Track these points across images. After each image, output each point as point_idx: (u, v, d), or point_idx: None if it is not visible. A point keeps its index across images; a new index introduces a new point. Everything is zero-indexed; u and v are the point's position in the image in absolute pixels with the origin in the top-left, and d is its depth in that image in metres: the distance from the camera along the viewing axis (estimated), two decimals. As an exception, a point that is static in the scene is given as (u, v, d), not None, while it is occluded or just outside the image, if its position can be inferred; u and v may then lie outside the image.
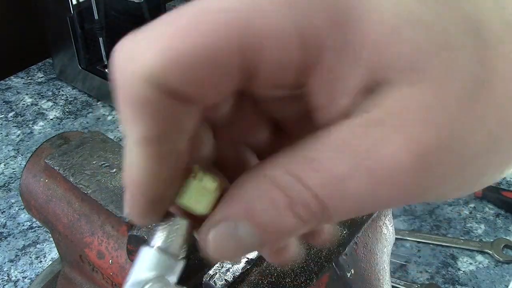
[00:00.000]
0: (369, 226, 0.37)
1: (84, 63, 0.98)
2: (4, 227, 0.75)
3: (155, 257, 0.24)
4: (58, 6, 0.92)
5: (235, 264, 0.32)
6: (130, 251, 0.35)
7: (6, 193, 0.80)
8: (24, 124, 0.95)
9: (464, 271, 0.67)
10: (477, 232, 0.72)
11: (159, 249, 0.24)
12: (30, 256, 0.70)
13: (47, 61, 1.12)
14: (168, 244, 0.24)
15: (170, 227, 0.24)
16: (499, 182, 0.80)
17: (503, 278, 0.66)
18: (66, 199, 0.42)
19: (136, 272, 0.24)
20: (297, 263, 0.33)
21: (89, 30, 0.96)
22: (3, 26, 1.09)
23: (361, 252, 0.36)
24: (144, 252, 0.24)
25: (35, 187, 0.45)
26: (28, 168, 0.46)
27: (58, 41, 0.99)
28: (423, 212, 0.75)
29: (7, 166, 0.86)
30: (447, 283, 0.65)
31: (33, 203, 0.45)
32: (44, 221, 0.46)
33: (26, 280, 0.67)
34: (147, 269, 0.24)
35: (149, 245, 0.24)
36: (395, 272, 0.67)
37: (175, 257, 0.25)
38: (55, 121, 0.96)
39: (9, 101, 1.02)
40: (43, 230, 0.74)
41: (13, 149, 0.90)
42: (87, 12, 0.93)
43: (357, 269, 0.35)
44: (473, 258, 0.69)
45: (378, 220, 0.38)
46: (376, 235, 0.37)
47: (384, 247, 0.38)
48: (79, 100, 1.01)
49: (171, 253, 0.24)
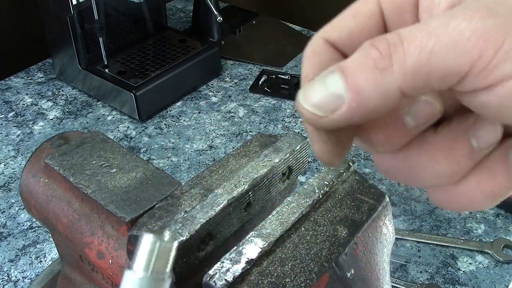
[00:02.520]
0: (369, 226, 0.37)
1: (84, 63, 0.98)
2: (4, 227, 0.75)
3: (139, 281, 0.23)
4: (58, 6, 0.92)
5: (235, 264, 0.32)
6: (130, 251, 0.36)
7: (6, 193, 0.80)
8: (24, 124, 0.95)
9: (464, 271, 0.67)
10: (477, 232, 0.72)
11: (143, 272, 0.23)
12: (30, 256, 0.70)
13: (47, 61, 1.12)
14: (152, 267, 0.23)
15: (152, 248, 0.24)
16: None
17: (503, 278, 0.66)
18: (66, 199, 0.42)
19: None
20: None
21: (89, 30, 0.96)
22: (3, 26, 1.09)
23: (361, 252, 0.36)
24: (127, 277, 0.24)
25: (35, 187, 0.45)
26: (28, 168, 0.46)
27: (58, 41, 0.99)
28: (423, 212, 0.75)
29: (7, 166, 0.86)
30: (447, 283, 0.65)
31: (33, 203, 0.45)
32: (44, 221, 0.46)
33: (26, 280, 0.67)
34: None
35: (132, 269, 0.23)
36: (395, 272, 0.67)
37: (159, 279, 0.24)
38: (55, 121, 0.96)
39: (9, 101, 1.02)
40: (43, 230, 0.74)
41: (13, 149, 0.90)
42: (87, 12, 0.93)
43: (357, 269, 0.35)
44: (473, 258, 0.69)
45: (378, 220, 0.38)
46: (376, 235, 0.37)
47: (384, 247, 0.38)
48: (79, 100, 1.01)
49: (155, 276, 0.24)
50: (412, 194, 0.78)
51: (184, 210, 0.36)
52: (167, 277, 0.24)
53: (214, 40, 1.15)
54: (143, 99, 0.93)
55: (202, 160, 0.86)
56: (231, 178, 0.38)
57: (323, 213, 0.37)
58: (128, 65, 0.99)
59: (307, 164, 0.44)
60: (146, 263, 0.23)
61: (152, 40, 1.07)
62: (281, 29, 1.21)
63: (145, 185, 0.40)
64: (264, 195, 0.40)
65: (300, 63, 1.10)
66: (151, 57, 1.01)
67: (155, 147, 0.89)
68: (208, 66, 1.05)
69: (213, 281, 0.31)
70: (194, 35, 1.13)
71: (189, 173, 0.84)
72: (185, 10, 1.33)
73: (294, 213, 0.36)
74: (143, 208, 0.38)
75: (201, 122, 0.95)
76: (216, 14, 1.03)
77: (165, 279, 0.24)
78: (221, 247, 0.37)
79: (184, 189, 0.39)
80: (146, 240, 0.24)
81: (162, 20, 1.11)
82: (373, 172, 0.83)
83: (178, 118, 0.96)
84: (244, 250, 0.33)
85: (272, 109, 0.98)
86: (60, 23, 0.94)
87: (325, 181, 0.38)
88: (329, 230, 0.35)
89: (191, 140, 0.91)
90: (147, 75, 0.96)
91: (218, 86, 1.05)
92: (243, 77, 1.07)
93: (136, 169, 0.42)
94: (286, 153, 0.40)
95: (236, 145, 0.89)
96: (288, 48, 1.14)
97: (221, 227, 0.36)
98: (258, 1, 1.48)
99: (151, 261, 0.23)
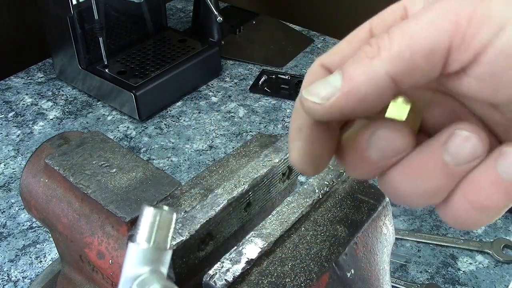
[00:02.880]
0: (369, 226, 0.37)
1: (84, 63, 0.98)
2: (4, 227, 0.75)
3: (142, 252, 0.24)
4: (58, 6, 0.92)
5: (235, 264, 0.32)
6: (130, 251, 0.35)
7: (6, 193, 0.80)
8: (24, 124, 0.95)
9: (464, 271, 0.67)
10: (477, 232, 0.72)
11: (146, 244, 0.25)
12: (30, 256, 0.70)
13: (47, 61, 1.12)
14: (153, 238, 0.25)
15: (153, 220, 0.25)
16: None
17: (503, 278, 0.66)
18: (66, 199, 0.42)
19: (127, 269, 0.25)
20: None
21: (89, 30, 0.96)
22: (3, 26, 1.09)
23: (361, 252, 0.36)
24: (131, 249, 0.25)
25: (35, 187, 0.45)
26: (28, 168, 0.46)
27: (58, 41, 0.99)
28: (423, 212, 0.75)
29: (7, 166, 0.86)
30: (447, 283, 0.65)
31: (33, 203, 0.45)
32: (44, 221, 0.46)
33: (26, 280, 0.67)
34: (137, 265, 0.24)
35: (135, 241, 0.24)
36: (395, 272, 0.67)
37: (162, 249, 0.25)
38: (55, 121, 0.96)
39: (9, 101, 1.02)
40: (43, 230, 0.74)
41: (13, 149, 0.90)
42: (87, 12, 0.93)
43: (357, 269, 0.35)
44: (473, 258, 0.69)
45: (378, 220, 0.38)
46: (376, 235, 0.37)
47: (384, 247, 0.38)
48: (79, 100, 1.01)
49: (157, 246, 0.25)
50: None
51: (184, 210, 0.36)
52: (168, 247, 0.25)
53: (214, 40, 1.15)
54: (143, 99, 0.93)
55: (202, 160, 0.86)
56: (231, 178, 0.38)
57: (323, 213, 0.37)
58: (128, 65, 0.99)
59: (307, 164, 0.44)
60: (148, 234, 0.24)
61: (152, 40, 1.07)
62: (281, 29, 1.21)
63: (145, 185, 0.40)
64: (264, 195, 0.40)
65: (300, 63, 1.10)
66: (151, 57, 1.01)
67: (155, 147, 0.89)
68: (208, 66, 1.05)
69: (213, 281, 0.31)
70: (194, 35, 1.13)
71: (189, 173, 0.84)
72: (185, 10, 1.33)
73: (294, 213, 0.36)
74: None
75: (201, 122, 0.95)
76: (216, 14, 1.03)
77: (167, 249, 0.25)
78: (221, 247, 0.37)
79: (184, 189, 0.39)
80: (147, 212, 0.25)
81: (162, 20, 1.11)
82: (373, 172, 0.83)
83: (178, 118, 0.96)
84: (244, 250, 0.33)
85: (272, 109, 0.98)
86: (60, 23, 0.94)
87: (325, 181, 0.38)
88: (329, 230, 0.35)
89: (191, 140, 0.91)
90: (147, 75, 0.96)
91: (218, 86, 1.05)
92: (243, 77, 1.07)
93: (136, 169, 0.42)
94: (286, 153, 0.40)
95: (236, 145, 0.89)
96: (288, 48, 1.14)
97: (221, 227, 0.36)
98: (258, 1, 1.48)
99: (152, 232, 0.24)
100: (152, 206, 0.24)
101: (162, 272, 0.25)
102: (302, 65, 1.09)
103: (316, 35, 1.18)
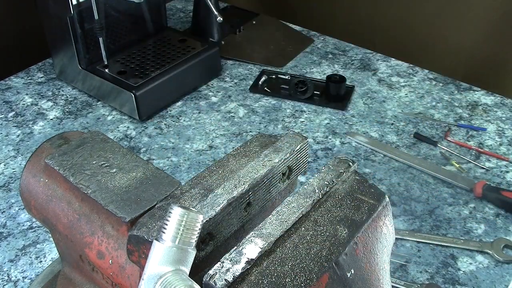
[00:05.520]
0: (369, 226, 0.37)
1: (84, 63, 0.98)
2: (4, 227, 0.75)
3: (167, 251, 0.24)
4: (58, 6, 0.92)
5: (235, 264, 0.32)
6: (130, 251, 0.35)
7: (6, 193, 0.81)
8: (24, 124, 0.95)
9: (464, 271, 0.67)
10: (477, 232, 0.72)
11: (171, 243, 0.25)
12: (30, 256, 0.70)
13: (47, 61, 1.12)
14: (179, 237, 0.25)
15: (180, 220, 0.25)
16: (499, 182, 0.80)
17: (503, 278, 0.66)
18: (66, 199, 0.42)
19: (151, 267, 0.25)
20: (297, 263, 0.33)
21: (89, 30, 0.96)
22: (3, 26, 1.09)
23: (361, 252, 0.36)
24: (156, 247, 0.25)
25: (35, 187, 0.45)
26: (28, 168, 0.46)
27: (58, 41, 0.99)
28: (423, 212, 0.75)
29: (7, 166, 0.86)
30: (447, 283, 0.65)
31: (33, 203, 0.45)
32: (44, 221, 0.46)
33: (26, 280, 0.67)
34: (161, 263, 0.25)
35: (161, 240, 0.24)
36: (395, 272, 0.67)
37: (186, 249, 0.25)
38: (55, 121, 0.96)
39: (9, 101, 1.02)
40: (43, 230, 0.74)
41: (13, 149, 0.90)
42: (87, 12, 0.93)
43: (357, 269, 0.35)
44: (473, 258, 0.69)
45: (378, 220, 0.38)
46: (376, 235, 0.37)
47: (384, 247, 0.38)
48: (79, 100, 1.01)
49: (182, 246, 0.25)
50: (412, 194, 0.78)
51: (184, 210, 0.36)
52: (192, 248, 0.25)
53: (214, 40, 1.15)
54: (143, 99, 0.93)
55: (202, 160, 0.86)
56: (231, 178, 0.38)
57: (323, 213, 0.37)
58: (128, 65, 0.99)
59: (307, 164, 0.44)
60: (174, 233, 0.25)
61: (152, 40, 1.07)
62: (281, 29, 1.21)
63: (145, 185, 0.40)
64: (264, 195, 0.40)
65: (300, 63, 1.10)
66: (151, 57, 1.01)
67: (155, 147, 0.89)
68: (208, 66, 1.05)
69: (213, 281, 0.31)
70: (194, 35, 1.13)
71: (189, 173, 0.84)
72: (185, 10, 1.33)
73: (294, 213, 0.36)
74: (143, 208, 0.38)
75: (201, 122, 0.95)
76: (216, 14, 1.03)
77: (191, 250, 0.25)
78: (221, 247, 0.37)
79: (184, 189, 0.39)
80: (175, 212, 0.25)
81: (162, 20, 1.11)
82: (373, 172, 0.83)
83: (178, 118, 0.96)
84: (244, 250, 0.33)
85: (272, 109, 0.98)
86: (60, 23, 0.94)
87: (325, 181, 0.38)
88: (329, 230, 0.35)
89: (191, 140, 0.91)
90: (147, 75, 0.96)
91: (218, 86, 1.05)
92: (243, 77, 1.07)
93: (136, 169, 0.42)
94: (286, 153, 0.40)
95: (236, 145, 0.89)
96: (288, 48, 1.14)
97: (221, 227, 0.36)
98: (258, 1, 1.48)
99: (179, 232, 0.25)
100: (180, 207, 0.24)
101: (185, 271, 0.25)
102: (302, 65, 1.09)
103: (316, 35, 1.18)
